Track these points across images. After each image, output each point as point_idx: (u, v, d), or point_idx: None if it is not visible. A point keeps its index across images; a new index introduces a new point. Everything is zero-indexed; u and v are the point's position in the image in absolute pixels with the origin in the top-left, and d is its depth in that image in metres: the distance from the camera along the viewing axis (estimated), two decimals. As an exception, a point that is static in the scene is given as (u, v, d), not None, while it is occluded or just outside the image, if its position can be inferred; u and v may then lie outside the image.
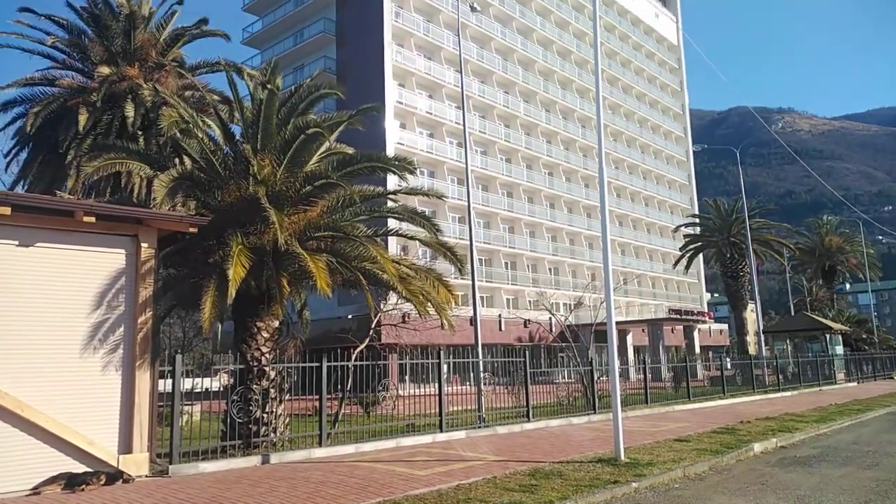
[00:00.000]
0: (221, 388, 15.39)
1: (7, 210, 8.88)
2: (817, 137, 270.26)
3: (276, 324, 13.70)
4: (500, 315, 43.61)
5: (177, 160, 15.31)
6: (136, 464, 9.67)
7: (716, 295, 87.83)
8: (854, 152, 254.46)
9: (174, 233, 11.69)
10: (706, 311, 62.74)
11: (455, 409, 15.87)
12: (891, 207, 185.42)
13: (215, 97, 18.98)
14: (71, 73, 19.73)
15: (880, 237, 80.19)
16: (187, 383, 13.13)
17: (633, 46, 71.33)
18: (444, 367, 15.10)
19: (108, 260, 10.39)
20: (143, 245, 10.73)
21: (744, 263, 43.18)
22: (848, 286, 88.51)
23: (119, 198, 16.63)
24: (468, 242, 21.75)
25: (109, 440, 9.54)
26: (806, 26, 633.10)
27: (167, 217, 11.11)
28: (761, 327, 37.87)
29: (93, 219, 9.89)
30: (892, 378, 39.07)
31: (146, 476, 9.71)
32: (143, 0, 20.76)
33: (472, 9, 26.77)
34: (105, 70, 18.11)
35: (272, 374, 12.87)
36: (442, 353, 15.30)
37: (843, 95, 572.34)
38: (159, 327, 12.69)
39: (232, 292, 10.97)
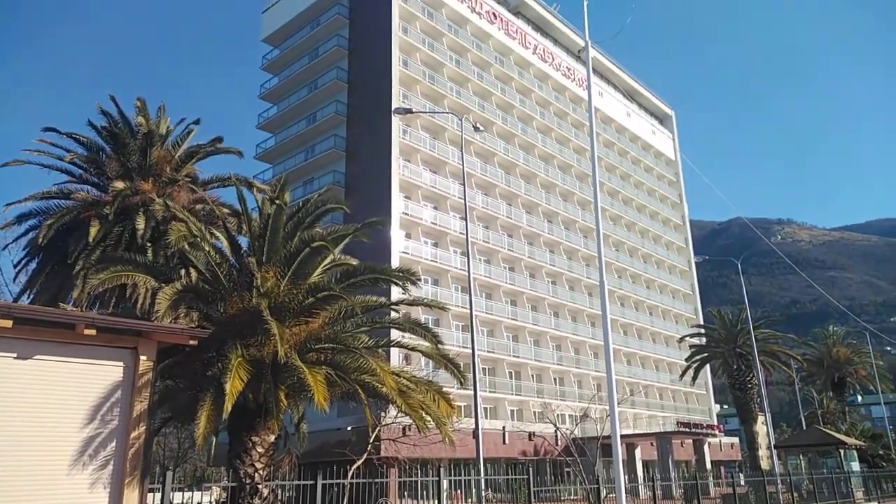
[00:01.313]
0: (213, 503, 14.90)
1: (8, 323, 9.00)
2: (818, 248, 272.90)
3: (272, 438, 13.46)
4: (503, 427, 42.54)
5: (183, 271, 15.61)
6: (118, 590, 9.25)
7: (725, 406, 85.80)
8: (856, 262, 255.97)
9: (174, 345, 11.75)
10: (716, 423, 61.11)
11: (455, 529, 15.22)
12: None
13: (225, 210, 19.52)
14: (86, 187, 20.46)
15: (889, 348, 79.17)
16: (178, 497, 12.72)
17: (631, 161, 73.73)
18: (445, 484, 14.64)
19: (105, 372, 10.39)
20: (142, 358, 10.76)
21: (751, 375, 42.55)
22: (860, 398, 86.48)
23: (123, 308, 16.81)
24: (471, 352, 21.61)
25: (92, 563, 9.17)
26: (801, 139, 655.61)
27: (168, 330, 11.21)
28: (773, 442, 36.78)
29: (94, 331, 9.99)
30: (915, 497, 37.35)
31: None
32: (161, 119, 21.83)
33: (476, 129, 28.06)
34: (120, 185, 18.80)
35: (265, 491, 12.50)
36: (442, 470, 14.87)
37: (841, 207, 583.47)
38: (152, 442, 12.48)
39: (228, 406, 10.88)
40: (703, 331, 52.62)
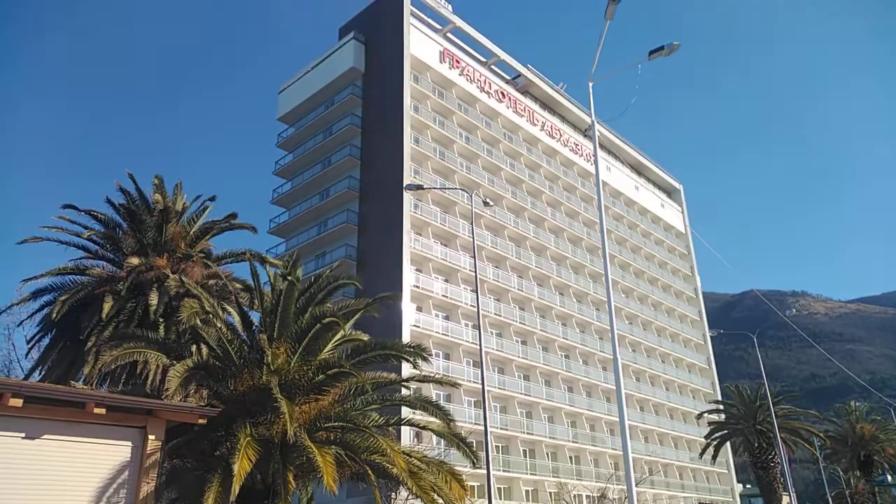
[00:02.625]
0: None
1: (19, 402, 8.97)
2: (834, 320, 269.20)
3: (280, 521, 13.06)
4: (518, 508, 41.12)
5: (194, 347, 15.59)
6: None
7: (748, 486, 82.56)
8: (874, 335, 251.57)
9: (183, 423, 11.63)
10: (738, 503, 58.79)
11: None
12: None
13: (238, 285, 19.67)
14: (102, 263, 20.71)
15: (915, 424, 76.65)
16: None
17: (641, 234, 74.04)
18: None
19: (113, 452, 10.27)
20: (151, 437, 10.66)
21: (773, 453, 41.21)
22: (889, 478, 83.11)
23: (133, 386, 16.72)
24: (483, 428, 21.14)
25: None
26: (811, 210, 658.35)
27: (177, 408, 11.12)
28: (800, 525, 35.22)
29: (103, 410, 9.95)
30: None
31: None
32: (178, 195, 22.30)
33: (486, 203, 28.44)
34: (134, 261, 19.04)
35: (272, 579, 12.04)
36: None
37: (856, 278, 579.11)
38: (158, 525, 12.13)
39: (236, 488, 10.67)
40: (721, 407, 51.29)
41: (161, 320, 18.40)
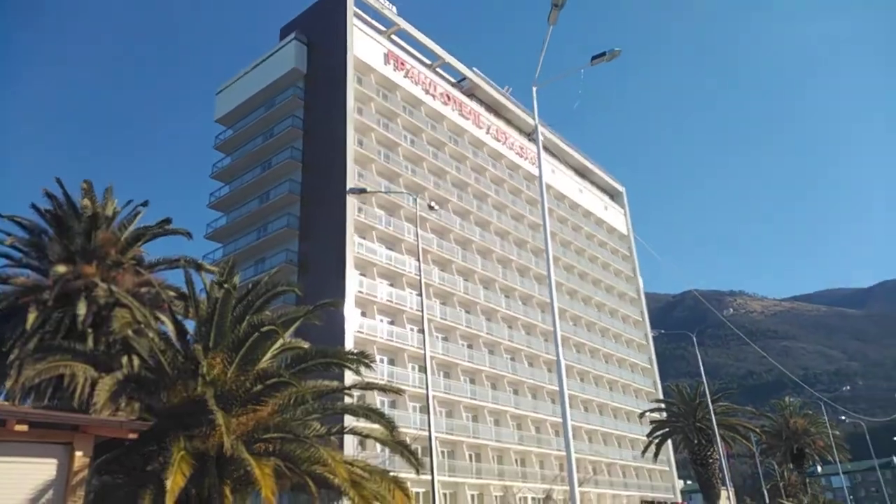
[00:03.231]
0: None
1: (-72, 423, 8.39)
2: (770, 318, 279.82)
3: (216, 537, 12.64)
4: (465, 512, 41.12)
5: (125, 359, 14.97)
6: None
7: (689, 482, 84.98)
8: (808, 332, 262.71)
9: (112, 439, 11.12)
10: (680, 500, 60.34)
11: None
12: (849, 387, 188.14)
13: (171, 293, 19.01)
14: (27, 272, 19.75)
15: (843, 417, 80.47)
16: None
17: (585, 236, 75.30)
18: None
19: (37, 471, 9.73)
20: (78, 454, 10.13)
21: (712, 449, 42.38)
22: (819, 469, 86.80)
23: (59, 400, 15.94)
24: (429, 436, 21.01)
25: None
26: (745, 216, 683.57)
27: (106, 423, 10.62)
28: (737, 518, 36.30)
29: (25, 427, 9.41)
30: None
31: None
32: (108, 200, 21.41)
33: (431, 207, 28.41)
34: (61, 269, 18.18)
35: None
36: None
37: (790, 278, 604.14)
38: (84, 546, 11.55)
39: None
40: (662, 406, 52.56)
41: (90, 331, 17.61)
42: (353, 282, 44.08)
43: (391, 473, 14.77)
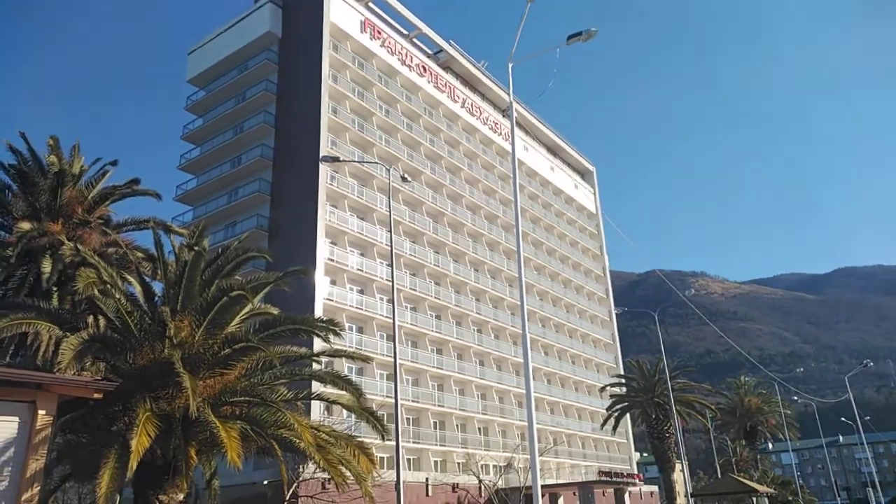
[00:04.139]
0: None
1: None
2: (729, 300, 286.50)
3: (181, 497, 12.79)
4: (426, 479, 41.80)
5: (91, 319, 14.85)
6: None
7: (645, 455, 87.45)
8: (765, 314, 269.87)
9: (77, 398, 11.10)
10: (636, 472, 62.07)
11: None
12: (802, 369, 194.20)
13: (139, 254, 18.80)
14: (-12, 228, 19.35)
15: (795, 397, 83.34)
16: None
17: (555, 214, 75.88)
18: (363, 543, 14.22)
19: (-2, 429, 9.68)
20: (41, 412, 10.11)
21: (669, 424, 43.64)
22: (770, 445, 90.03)
23: (23, 357, 15.78)
24: (394, 402, 21.29)
25: None
26: (712, 198, 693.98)
27: (70, 383, 10.59)
28: (690, 490, 37.61)
29: (-13, 384, 9.33)
30: (821, 543, 38.89)
31: None
32: (75, 158, 20.98)
33: (404, 179, 28.33)
34: (25, 226, 17.83)
35: (171, 555, 11.78)
36: (360, 527, 14.47)
37: (751, 261, 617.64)
38: (47, 502, 11.60)
39: (133, 464, 10.33)
40: (623, 380, 53.80)
41: (54, 289, 17.41)
42: (324, 250, 43.97)
43: (357, 439, 15.00)
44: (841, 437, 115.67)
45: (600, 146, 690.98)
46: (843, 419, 66.67)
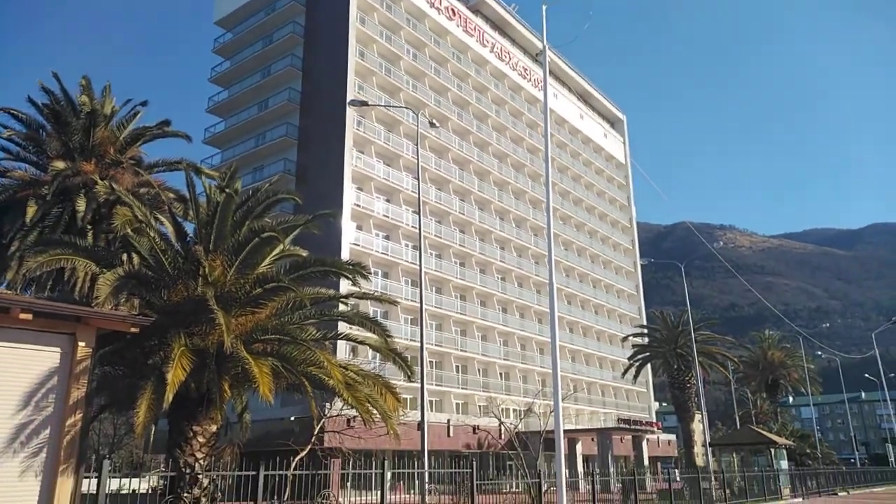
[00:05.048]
0: (150, 491, 14.59)
1: (-60, 305, 8.65)
2: (757, 254, 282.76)
3: (214, 428, 13.27)
4: (448, 420, 42.80)
5: (125, 256, 15.20)
6: (48, 580, 9.00)
7: (664, 404, 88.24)
8: (793, 269, 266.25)
9: (114, 332, 11.46)
10: (655, 420, 62.73)
11: (397, 521, 15.27)
12: (828, 324, 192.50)
13: (171, 195, 19.07)
14: (24, 166, 19.69)
15: (819, 353, 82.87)
16: (114, 483, 12.39)
17: (583, 163, 74.92)
18: (388, 476, 14.71)
19: (42, 358, 10.08)
20: (81, 344, 10.47)
21: (690, 375, 43.87)
22: (791, 399, 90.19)
23: (60, 292, 16.27)
24: (419, 345, 21.65)
25: (21, 553, 8.90)
26: (743, 149, 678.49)
27: (109, 317, 10.92)
28: (708, 439, 38.01)
29: (30, 316, 9.69)
30: (837, 494, 39.22)
31: None
32: (107, 99, 21.13)
33: (431, 124, 28.07)
34: (60, 164, 18.14)
35: (205, 482, 12.33)
36: (386, 462, 14.94)
37: (781, 215, 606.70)
38: (88, 429, 12.16)
39: (169, 396, 10.71)
40: (645, 331, 53.96)
41: (89, 228, 17.79)
42: (350, 195, 44.14)
43: (383, 379, 15.33)
44: (863, 394, 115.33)
45: (632, 94, 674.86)
46: (866, 375, 66.34)
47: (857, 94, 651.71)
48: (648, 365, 53.74)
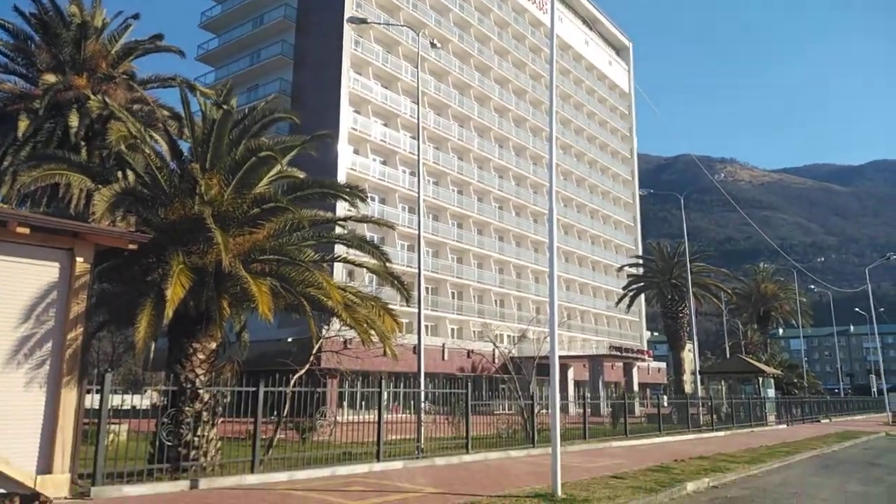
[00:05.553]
0: (150, 408, 14.90)
1: (-66, 216, 8.53)
2: (756, 188, 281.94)
3: (213, 346, 13.40)
4: (443, 344, 43.59)
5: (120, 174, 14.96)
6: (56, 485, 9.24)
7: (655, 334, 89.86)
8: (791, 204, 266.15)
9: (112, 248, 11.39)
10: (646, 349, 64.01)
11: (394, 437, 15.72)
12: (823, 259, 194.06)
13: (165, 112, 18.64)
14: (13, 78, 19.15)
15: (812, 286, 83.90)
16: (115, 400, 12.66)
17: (586, 91, 73.46)
18: (385, 395, 15.02)
19: (40, 273, 10.04)
20: (79, 259, 10.40)
21: (683, 305, 44.40)
22: (781, 331, 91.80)
23: (56, 209, 16.11)
24: (416, 271, 21.73)
25: (28, 460, 9.10)
26: (749, 81, 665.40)
27: (107, 233, 10.81)
28: (698, 368, 38.85)
29: (27, 230, 9.57)
30: (820, 421, 40.48)
31: (65, 498, 9.28)
32: (97, 11, 20.37)
33: (433, 45, 27.18)
34: (51, 78, 17.62)
35: (206, 396, 12.55)
36: (383, 381, 15.23)
37: (782, 150, 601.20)
38: (89, 344, 12.26)
39: (169, 312, 10.73)
40: (641, 261, 54.25)
41: (83, 144, 17.46)
42: (347, 118, 43.41)
43: (380, 301, 15.41)
44: (852, 327, 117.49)
45: (638, 22, 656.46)
46: (857, 309, 67.31)
47: (865, 28, 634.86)
48: (642, 295, 54.38)
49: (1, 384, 9.08)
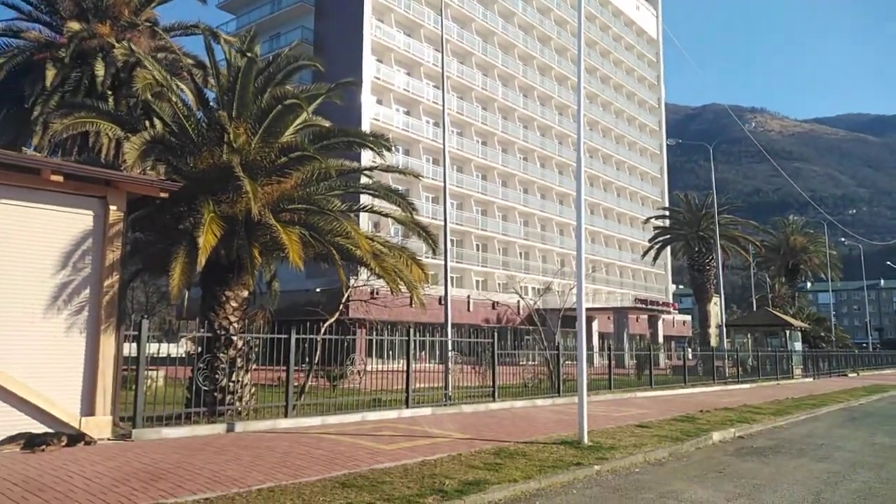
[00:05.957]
0: (185, 355, 15.20)
1: (-29, 163, 8.60)
2: (787, 138, 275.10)
3: (245, 294, 13.55)
4: (468, 296, 43.79)
5: (147, 123, 14.94)
6: (99, 426, 9.53)
7: (681, 287, 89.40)
8: (822, 155, 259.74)
9: (143, 197, 11.45)
10: (671, 301, 63.79)
11: (421, 386, 15.91)
12: (854, 211, 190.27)
13: (189, 61, 18.48)
14: (38, 27, 19.06)
15: (843, 239, 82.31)
16: (151, 348, 12.93)
17: (612, 38, 71.52)
18: (413, 344, 15.15)
19: (75, 221, 10.14)
20: (112, 207, 10.48)
21: (710, 258, 43.92)
22: (809, 285, 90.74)
23: (86, 158, 16.19)
24: (440, 223, 21.66)
25: (72, 402, 9.37)
26: (781, 30, 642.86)
27: (139, 181, 10.85)
28: (724, 320, 38.66)
29: (61, 178, 9.63)
30: (847, 375, 40.24)
31: (108, 439, 9.57)
32: (119, -43, 20.06)
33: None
34: (75, 26, 17.50)
35: (239, 343, 12.75)
36: (411, 330, 15.33)
37: (814, 98, 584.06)
38: (126, 291, 12.45)
39: (202, 260, 10.81)
40: (667, 213, 53.59)
41: (109, 93, 17.43)
42: (370, 67, 42.85)
43: (408, 251, 15.41)
44: (882, 281, 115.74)
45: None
46: (888, 263, 66.14)
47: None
48: (668, 247, 53.82)
49: (43, 329, 9.28)
